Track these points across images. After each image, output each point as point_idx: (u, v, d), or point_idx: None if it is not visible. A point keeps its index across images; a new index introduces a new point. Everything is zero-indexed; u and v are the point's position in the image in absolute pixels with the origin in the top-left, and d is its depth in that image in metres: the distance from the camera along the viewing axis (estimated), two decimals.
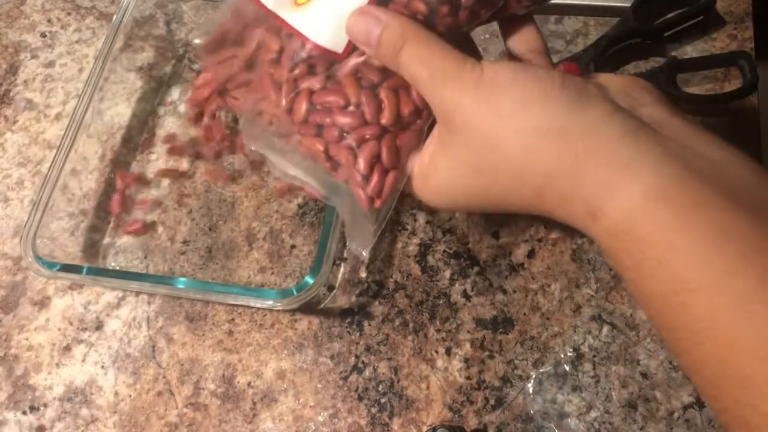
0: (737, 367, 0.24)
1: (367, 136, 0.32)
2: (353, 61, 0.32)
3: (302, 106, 0.33)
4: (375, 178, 0.32)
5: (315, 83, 0.32)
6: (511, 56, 0.35)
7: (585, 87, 0.29)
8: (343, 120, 0.32)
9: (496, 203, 0.31)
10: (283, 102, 0.33)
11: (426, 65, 0.30)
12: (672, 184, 0.25)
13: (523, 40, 0.35)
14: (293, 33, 0.32)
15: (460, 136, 0.30)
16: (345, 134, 0.32)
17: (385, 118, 0.32)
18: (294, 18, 0.32)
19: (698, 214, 0.25)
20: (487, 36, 0.62)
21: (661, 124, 0.28)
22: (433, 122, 0.33)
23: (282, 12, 0.33)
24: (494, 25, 0.37)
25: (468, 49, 0.31)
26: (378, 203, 0.33)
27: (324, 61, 0.33)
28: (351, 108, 0.32)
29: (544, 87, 0.28)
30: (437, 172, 0.32)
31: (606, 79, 0.31)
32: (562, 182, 0.28)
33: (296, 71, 0.33)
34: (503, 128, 0.28)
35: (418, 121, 0.33)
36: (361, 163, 0.32)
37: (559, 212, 0.29)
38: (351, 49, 0.32)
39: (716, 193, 0.25)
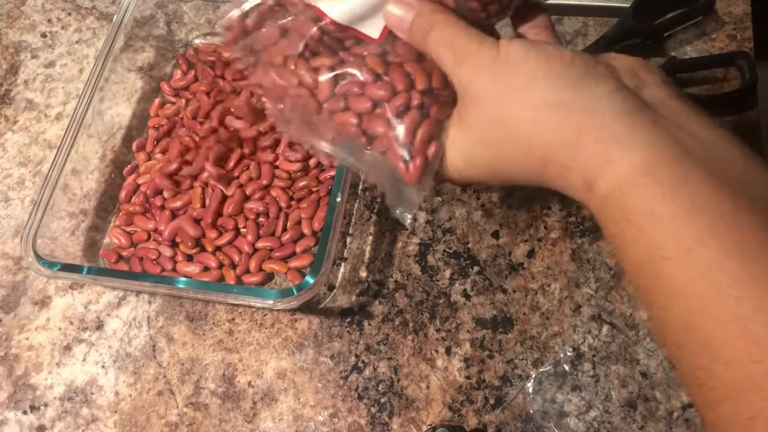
0: (699, 332, 0.25)
1: (403, 107, 0.34)
2: (380, 45, 0.34)
3: (326, 83, 0.34)
4: (417, 148, 0.34)
5: (335, 61, 0.34)
6: (518, 32, 0.37)
7: (594, 65, 0.31)
8: (379, 93, 0.33)
9: (504, 175, 0.33)
10: (307, 79, 0.34)
11: (450, 46, 0.32)
12: (658, 159, 0.27)
13: (528, 16, 0.37)
14: (325, 19, 0.34)
15: (474, 111, 0.32)
16: (379, 106, 0.34)
17: (421, 84, 0.34)
18: (328, 6, 0.34)
19: (679, 188, 0.27)
20: None
21: (661, 104, 0.30)
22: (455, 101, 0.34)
23: (318, 2, 0.34)
24: None
25: (489, 32, 0.33)
26: (420, 173, 0.34)
27: (348, 44, 0.35)
28: (383, 81, 0.34)
29: (553, 64, 0.30)
30: (453, 145, 0.34)
31: (616, 59, 0.33)
32: (564, 153, 0.29)
33: (322, 53, 0.35)
34: (513, 102, 0.30)
35: (446, 95, 0.34)
36: (402, 134, 0.34)
37: (560, 183, 0.31)
38: (386, 34, 0.34)
39: (699, 170, 0.27)
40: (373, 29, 0.34)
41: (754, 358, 0.24)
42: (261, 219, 0.56)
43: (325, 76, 0.34)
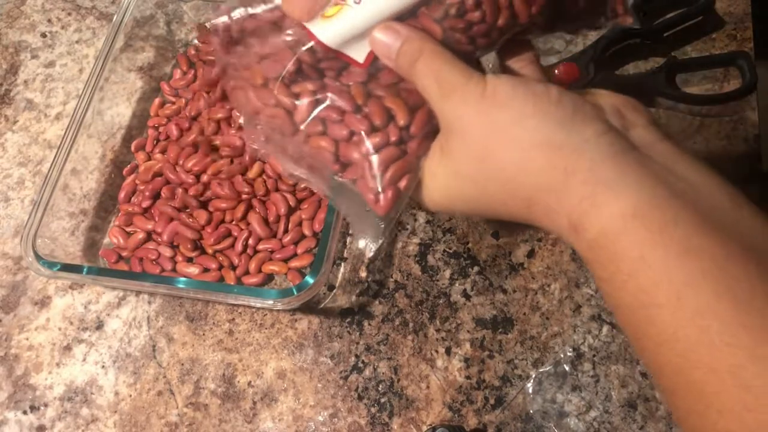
0: (691, 378, 0.25)
1: (381, 143, 0.33)
2: (365, 72, 0.34)
3: (305, 106, 0.34)
4: (389, 181, 0.33)
5: (317, 86, 0.34)
6: (503, 65, 0.37)
7: (581, 105, 0.30)
8: (358, 125, 0.33)
9: (488, 210, 0.33)
10: (286, 101, 0.34)
11: (436, 77, 0.32)
12: (647, 203, 0.27)
13: (515, 50, 0.36)
14: (313, 40, 0.33)
15: (458, 146, 0.32)
16: (357, 135, 0.33)
17: (401, 120, 0.33)
18: (318, 29, 0.33)
19: (668, 232, 0.26)
20: None
21: (648, 146, 0.30)
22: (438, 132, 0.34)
23: (307, 23, 0.34)
24: None
25: (475, 66, 0.33)
26: (390, 206, 0.34)
27: (333, 70, 0.34)
28: (362, 113, 0.33)
29: (541, 103, 0.30)
30: (434, 178, 0.33)
31: (602, 97, 0.32)
32: (550, 196, 0.29)
33: (306, 75, 0.34)
34: (499, 140, 0.30)
35: (428, 129, 0.34)
36: (376, 166, 0.33)
37: (546, 223, 0.30)
38: (372, 59, 0.34)
39: (688, 213, 0.27)
40: (359, 54, 0.34)
41: (749, 407, 0.23)
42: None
43: (305, 100, 0.34)
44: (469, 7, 0.32)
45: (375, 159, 0.33)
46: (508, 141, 0.30)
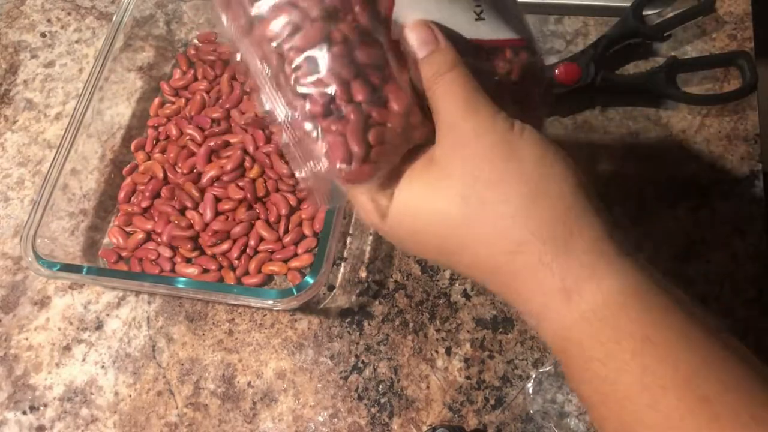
0: None
1: (378, 116, 0.31)
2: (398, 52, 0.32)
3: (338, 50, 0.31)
4: (376, 155, 0.31)
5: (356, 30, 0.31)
6: None
7: (591, 187, 0.31)
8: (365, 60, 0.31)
9: (454, 247, 0.31)
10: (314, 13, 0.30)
11: (466, 94, 0.31)
12: (650, 284, 0.28)
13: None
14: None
15: (464, 161, 0.30)
16: (369, 94, 0.31)
17: (396, 105, 0.32)
18: None
19: (670, 316, 0.27)
20: None
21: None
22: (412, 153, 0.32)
23: None
24: None
25: None
26: (360, 177, 0.32)
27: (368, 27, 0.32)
28: (394, 82, 0.31)
29: (562, 160, 0.30)
30: (409, 186, 0.32)
31: None
32: (547, 246, 0.28)
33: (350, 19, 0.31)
34: (515, 172, 0.29)
35: (414, 137, 0.33)
36: (370, 137, 0.31)
37: (525, 276, 0.29)
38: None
39: (680, 304, 0.27)
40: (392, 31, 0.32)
41: None
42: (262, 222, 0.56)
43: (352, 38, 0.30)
44: (515, 65, 0.34)
45: (374, 130, 0.31)
46: (524, 177, 0.29)
